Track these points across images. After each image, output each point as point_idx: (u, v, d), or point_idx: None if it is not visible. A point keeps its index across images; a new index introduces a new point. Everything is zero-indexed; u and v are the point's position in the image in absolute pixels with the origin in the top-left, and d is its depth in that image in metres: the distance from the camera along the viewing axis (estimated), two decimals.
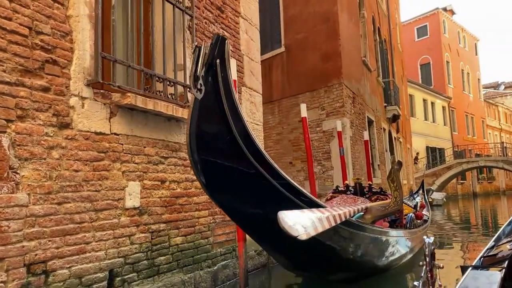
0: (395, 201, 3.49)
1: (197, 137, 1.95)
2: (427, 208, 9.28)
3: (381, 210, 3.52)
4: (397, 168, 3.53)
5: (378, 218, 3.57)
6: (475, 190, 31.48)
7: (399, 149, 18.28)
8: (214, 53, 1.92)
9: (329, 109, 9.96)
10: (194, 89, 1.79)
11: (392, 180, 3.54)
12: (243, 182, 2.31)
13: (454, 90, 33.18)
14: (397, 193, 3.50)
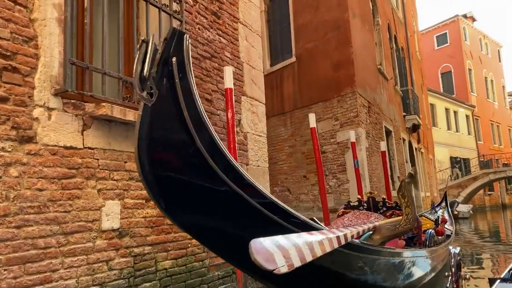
0: (406, 218, 3.07)
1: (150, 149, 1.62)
2: (451, 222, 8.70)
3: (391, 230, 3.11)
4: (408, 181, 3.13)
5: (388, 239, 3.15)
6: (504, 201, 30.11)
7: (421, 160, 17.58)
8: (170, 50, 1.60)
9: (343, 119, 9.55)
10: (140, 92, 1.47)
11: (403, 195, 3.13)
12: (213, 203, 1.96)
13: (477, 98, 32.11)
14: (408, 209, 3.08)
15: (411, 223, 3.05)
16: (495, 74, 35.32)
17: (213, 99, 4.24)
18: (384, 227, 3.14)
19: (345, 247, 2.65)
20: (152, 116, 1.60)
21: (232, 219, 2.04)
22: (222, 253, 2.33)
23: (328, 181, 9.81)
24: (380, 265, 3.21)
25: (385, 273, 3.42)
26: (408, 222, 3.05)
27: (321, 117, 10.07)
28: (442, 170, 25.61)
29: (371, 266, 3.12)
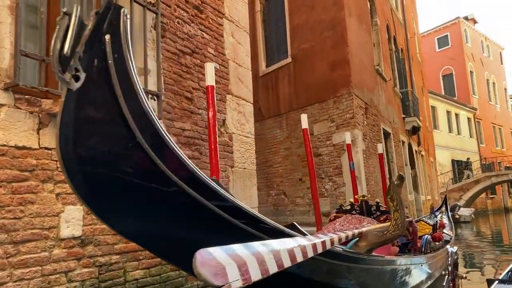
0: (395, 224, 2.82)
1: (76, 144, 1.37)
2: (450, 227, 8.43)
3: (379, 236, 2.86)
4: (397, 183, 2.88)
5: (375, 246, 2.90)
6: (506, 205, 29.74)
7: (421, 163, 17.29)
8: (103, 26, 1.34)
9: (339, 121, 9.30)
10: (61, 74, 1.22)
11: (391, 198, 2.88)
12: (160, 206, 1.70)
13: (479, 101, 31.80)
14: (397, 214, 2.83)
15: (400, 229, 2.80)
16: (497, 76, 35.02)
17: (194, 97, 4.01)
18: (371, 233, 2.89)
19: (325, 255, 2.40)
20: (79, 103, 1.34)
21: (184, 225, 1.79)
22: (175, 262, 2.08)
23: (324, 184, 9.56)
24: (366, 274, 2.96)
25: (372, 282, 3.16)
26: (396, 228, 2.80)
27: (317, 119, 9.83)
28: (444, 173, 25.30)
29: (356, 275, 2.87)
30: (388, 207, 2.93)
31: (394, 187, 2.88)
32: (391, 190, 2.89)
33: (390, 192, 2.90)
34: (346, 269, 2.67)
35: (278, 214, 10.68)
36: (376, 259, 2.99)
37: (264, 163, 11.21)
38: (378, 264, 3.09)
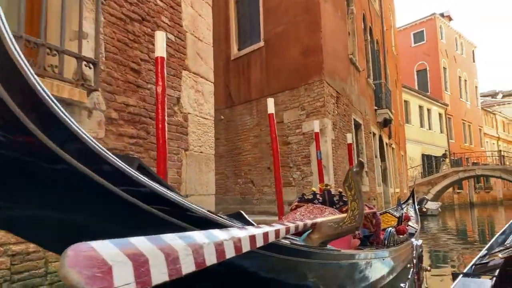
0: (351, 215, 2.55)
1: None
2: (416, 220, 8.36)
3: (334, 228, 2.58)
4: (356, 170, 2.61)
5: (329, 238, 2.62)
6: (472, 200, 30.56)
7: (391, 156, 17.36)
8: None
9: (310, 109, 9.05)
10: None
11: (349, 186, 2.60)
12: (46, 188, 1.32)
13: (451, 97, 32.35)
14: (355, 204, 2.56)
15: (356, 221, 2.53)
16: (468, 74, 35.70)
17: (142, 69, 3.61)
18: (325, 224, 2.61)
19: (269, 249, 2.10)
20: None
21: (82, 212, 1.43)
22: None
23: (292, 174, 9.33)
24: (319, 269, 2.68)
25: (327, 278, 2.90)
26: (353, 220, 2.53)
27: (287, 106, 9.54)
28: (414, 167, 25.65)
29: (307, 271, 2.58)
30: (346, 196, 2.65)
31: (353, 175, 2.60)
32: (349, 178, 2.61)
33: (348, 180, 2.62)
34: (295, 264, 2.38)
35: (245, 203, 10.41)
36: (330, 253, 2.72)
37: (232, 150, 10.89)
38: (333, 259, 2.82)
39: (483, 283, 2.07)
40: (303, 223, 2.47)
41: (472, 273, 2.40)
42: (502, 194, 35.51)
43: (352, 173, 2.60)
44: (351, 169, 2.62)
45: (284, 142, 9.51)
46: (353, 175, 2.60)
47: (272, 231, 2.00)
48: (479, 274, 2.33)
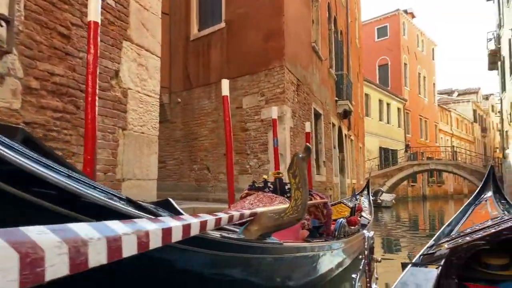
0: (294, 205, 2.31)
1: None
2: (370, 210, 8.37)
3: (274, 219, 2.33)
4: (302, 156, 2.36)
5: (269, 230, 2.38)
6: (424, 193, 31.72)
7: (350, 147, 17.52)
8: None
9: (269, 95, 8.79)
10: None
11: (294, 173, 2.35)
12: None
13: (410, 93, 33.21)
14: (299, 193, 2.32)
15: (299, 212, 2.28)
16: (428, 71, 36.76)
17: (72, 35, 3.18)
18: (265, 215, 2.35)
19: (193, 243, 1.81)
20: None
21: None
22: None
23: (248, 161, 9.08)
24: (255, 265, 2.43)
25: (268, 273, 2.66)
26: (295, 210, 2.28)
27: (247, 92, 9.24)
28: (371, 159, 26.17)
29: (243, 266, 2.33)
30: (290, 184, 2.40)
31: (298, 161, 2.34)
32: (294, 164, 2.36)
33: (293, 166, 2.36)
34: (228, 260, 2.11)
35: (199, 190, 10.08)
36: (271, 246, 2.47)
37: (189, 135, 10.49)
38: (274, 253, 2.57)
39: (430, 272, 2.15)
40: (239, 213, 2.20)
41: (420, 262, 2.46)
42: (452, 189, 37.15)
43: (298, 159, 2.35)
44: (297, 155, 2.37)
45: (242, 129, 9.23)
46: (299, 162, 2.35)
47: (196, 222, 1.70)
48: (427, 263, 2.40)
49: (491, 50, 19.07)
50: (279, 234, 3.34)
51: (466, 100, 45.72)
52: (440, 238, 3.39)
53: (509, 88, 16.38)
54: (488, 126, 49.87)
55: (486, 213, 3.94)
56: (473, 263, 2.41)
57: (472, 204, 4.57)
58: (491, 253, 2.37)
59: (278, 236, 3.35)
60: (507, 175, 17.22)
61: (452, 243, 2.44)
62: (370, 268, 1.31)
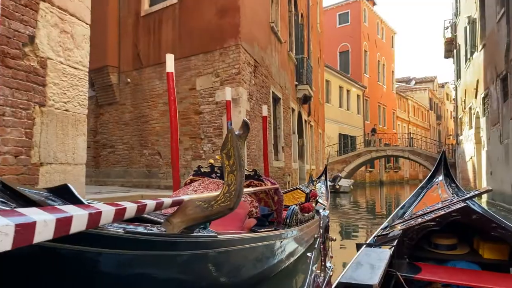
0: (227, 191, 1.93)
1: None
2: (327, 196, 8.19)
3: (202, 209, 1.94)
4: (239, 134, 1.98)
5: (196, 222, 1.98)
6: (382, 179, 32.48)
7: (310, 133, 17.41)
8: None
9: (224, 76, 8.33)
10: None
11: (228, 153, 1.96)
12: None
13: (369, 80, 33.63)
14: (232, 177, 1.94)
15: (231, 200, 1.89)
16: (387, 58, 37.35)
17: None
18: (192, 204, 1.94)
19: (83, 242, 1.40)
20: None
21: None
22: None
23: (202, 146, 8.63)
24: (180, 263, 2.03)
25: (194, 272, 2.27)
26: (228, 198, 1.89)
27: (200, 72, 8.73)
28: (331, 145, 26.34)
29: (160, 266, 1.92)
30: (223, 166, 2.00)
31: (233, 139, 1.95)
32: (228, 143, 1.97)
33: (227, 145, 1.97)
34: (135, 259, 1.69)
35: (150, 176, 9.53)
36: (198, 241, 2.07)
37: (139, 118, 9.87)
38: (205, 247, 2.18)
39: (383, 252, 2.18)
40: (154, 202, 1.78)
41: (374, 243, 2.50)
42: (408, 174, 38.35)
43: (233, 137, 1.96)
44: (231, 132, 1.97)
45: (196, 112, 8.74)
46: (234, 140, 1.95)
47: (81, 215, 1.28)
48: (380, 244, 2.43)
49: (447, 38, 19.42)
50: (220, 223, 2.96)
51: (423, 89, 47.06)
52: (393, 220, 3.47)
53: (464, 76, 16.75)
54: (443, 114, 51.77)
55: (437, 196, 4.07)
56: (423, 243, 2.54)
57: (425, 187, 4.74)
58: (440, 234, 2.50)
59: (219, 227, 2.97)
60: (460, 161, 17.74)
61: (405, 225, 2.53)
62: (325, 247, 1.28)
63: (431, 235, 2.54)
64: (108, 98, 10.50)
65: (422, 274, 2.14)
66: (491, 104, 11.96)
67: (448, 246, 2.50)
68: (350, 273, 1.71)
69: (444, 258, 2.45)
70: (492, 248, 2.36)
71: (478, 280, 2.06)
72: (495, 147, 11.58)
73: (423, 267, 2.26)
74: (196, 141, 8.69)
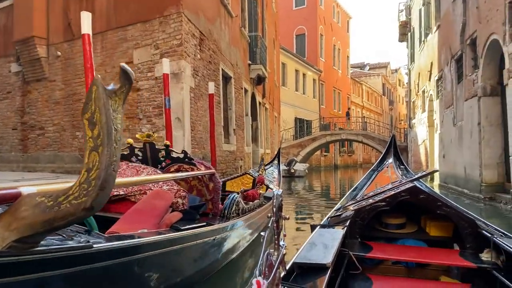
0: (85, 180, 1.20)
1: None
2: (279, 181, 7.59)
3: (43, 209, 1.19)
4: (112, 89, 1.23)
5: (35, 232, 1.24)
6: (336, 163, 32.71)
7: (264, 116, 16.78)
8: None
9: (165, 48, 7.42)
10: None
11: (92, 119, 1.22)
12: None
13: (325, 64, 33.46)
14: (96, 156, 1.20)
15: (90, 196, 1.15)
16: (342, 43, 37.34)
17: None
18: (30, 202, 1.19)
19: None
20: None
21: None
22: None
23: (141, 127, 7.72)
24: None
25: None
26: (84, 192, 1.15)
27: (138, 44, 7.75)
28: (286, 129, 25.96)
29: None
30: (85, 137, 1.23)
31: (99, 96, 1.19)
32: (91, 103, 1.21)
33: (90, 105, 1.22)
34: None
35: None
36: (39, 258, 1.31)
37: (71, 96, 8.75)
38: (56, 267, 1.42)
39: (336, 232, 2.23)
40: None
41: (328, 224, 2.54)
42: (362, 158, 38.99)
43: (99, 93, 1.20)
44: (96, 82, 1.22)
45: (133, 88, 7.77)
46: (101, 96, 1.20)
47: None
48: (334, 225, 2.49)
49: (402, 21, 19.33)
50: (127, 221, 2.20)
51: (376, 74, 47.81)
52: (346, 201, 3.51)
53: (418, 59, 16.69)
54: (395, 99, 53.04)
55: (387, 178, 4.27)
56: (375, 223, 2.62)
57: (376, 170, 4.94)
58: (390, 214, 2.57)
59: (126, 225, 2.21)
60: (413, 144, 17.83)
61: (357, 206, 2.59)
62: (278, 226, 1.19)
63: (382, 215, 2.60)
64: (36, 73, 9.25)
65: (373, 253, 2.20)
66: (445, 86, 11.82)
67: (398, 225, 2.57)
68: (304, 253, 1.77)
69: (394, 236, 2.54)
70: (437, 226, 2.46)
71: (425, 256, 2.18)
72: (448, 129, 11.48)
73: (374, 246, 2.33)
74: (133, 121, 7.76)
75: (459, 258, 2.12)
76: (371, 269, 2.42)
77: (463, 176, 9.82)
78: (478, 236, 2.21)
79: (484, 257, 2.08)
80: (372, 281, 2.08)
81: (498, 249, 2.01)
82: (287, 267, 1.52)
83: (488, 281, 2.01)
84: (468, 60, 9.42)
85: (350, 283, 2.05)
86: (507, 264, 1.94)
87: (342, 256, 2.10)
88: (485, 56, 8.26)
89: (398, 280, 2.20)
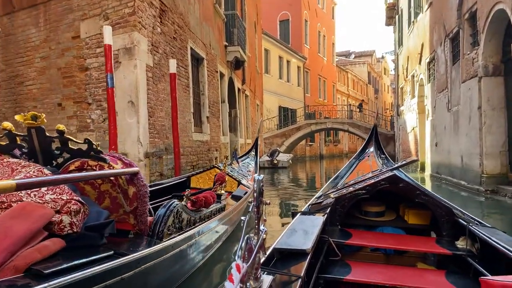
0: None
1: None
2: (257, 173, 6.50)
3: None
4: None
5: None
6: (322, 152, 31.80)
7: (244, 103, 15.63)
8: None
9: (115, 18, 6.21)
10: None
11: None
12: None
13: (309, 51, 32.30)
14: None
15: None
16: (327, 30, 36.20)
17: None
18: None
19: None
20: None
21: None
22: None
23: (90, 113, 6.53)
24: None
25: None
26: None
27: (86, 14, 6.52)
28: (270, 118, 24.87)
29: None
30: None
31: None
32: None
33: None
34: None
35: None
36: None
37: (12, 78, 7.48)
38: None
39: (317, 219, 2.25)
40: None
41: (309, 211, 2.57)
42: (347, 148, 38.18)
43: None
44: None
45: (81, 67, 6.57)
46: None
47: None
48: (314, 212, 2.51)
49: (389, 4, 18.32)
50: None
51: (362, 62, 46.89)
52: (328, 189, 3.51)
53: (407, 41, 15.70)
54: (380, 88, 52.30)
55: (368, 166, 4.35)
56: (355, 211, 2.69)
57: (357, 158, 4.99)
58: (370, 202, 2.62)
59: None
60: (401, 133, 16.91)
61: (337, 193, 2.66)
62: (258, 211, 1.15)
63: (362, 203, 2.63)
64: None
65: (353, 240, 2.22)
66: (437, 69, 10.84)
67: (377, 213, 2.62)
68: (285, 239, 1.83)
69: (373, 224, 2.58)
70: (415, 214, 2.50)
71: (403, 243, 2.21)
72: (441, 115, 10.52)
73: (354, 233, 2.35)
74: (82, 106, 6.56)
75: (435, 246, 2.14)
76: (350, 255, 2.47)
77: (460, 166, 8.89)
78: (454, 224, 2.23)
79: (459, 245, 2.10)
80: (351, 267, 2.06)
81: (473, 237, 2.02)
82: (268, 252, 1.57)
83: (462, 267, 2.03)
84: (466, 37, 8.42)
85: (329, 269, 2.03)
86: (481, 252, 1.96)
87: (322, 243, 2.12)
88: (487, 30, 7.26)
89: (376, 267, 2.16)
